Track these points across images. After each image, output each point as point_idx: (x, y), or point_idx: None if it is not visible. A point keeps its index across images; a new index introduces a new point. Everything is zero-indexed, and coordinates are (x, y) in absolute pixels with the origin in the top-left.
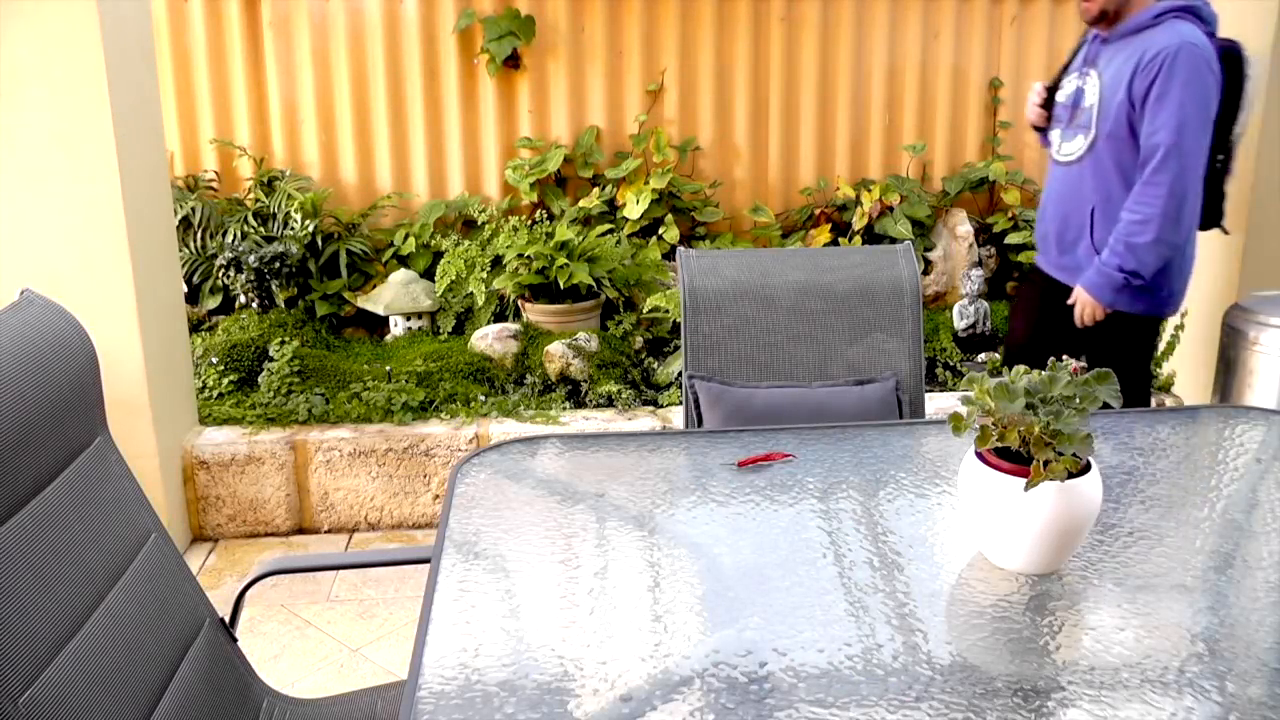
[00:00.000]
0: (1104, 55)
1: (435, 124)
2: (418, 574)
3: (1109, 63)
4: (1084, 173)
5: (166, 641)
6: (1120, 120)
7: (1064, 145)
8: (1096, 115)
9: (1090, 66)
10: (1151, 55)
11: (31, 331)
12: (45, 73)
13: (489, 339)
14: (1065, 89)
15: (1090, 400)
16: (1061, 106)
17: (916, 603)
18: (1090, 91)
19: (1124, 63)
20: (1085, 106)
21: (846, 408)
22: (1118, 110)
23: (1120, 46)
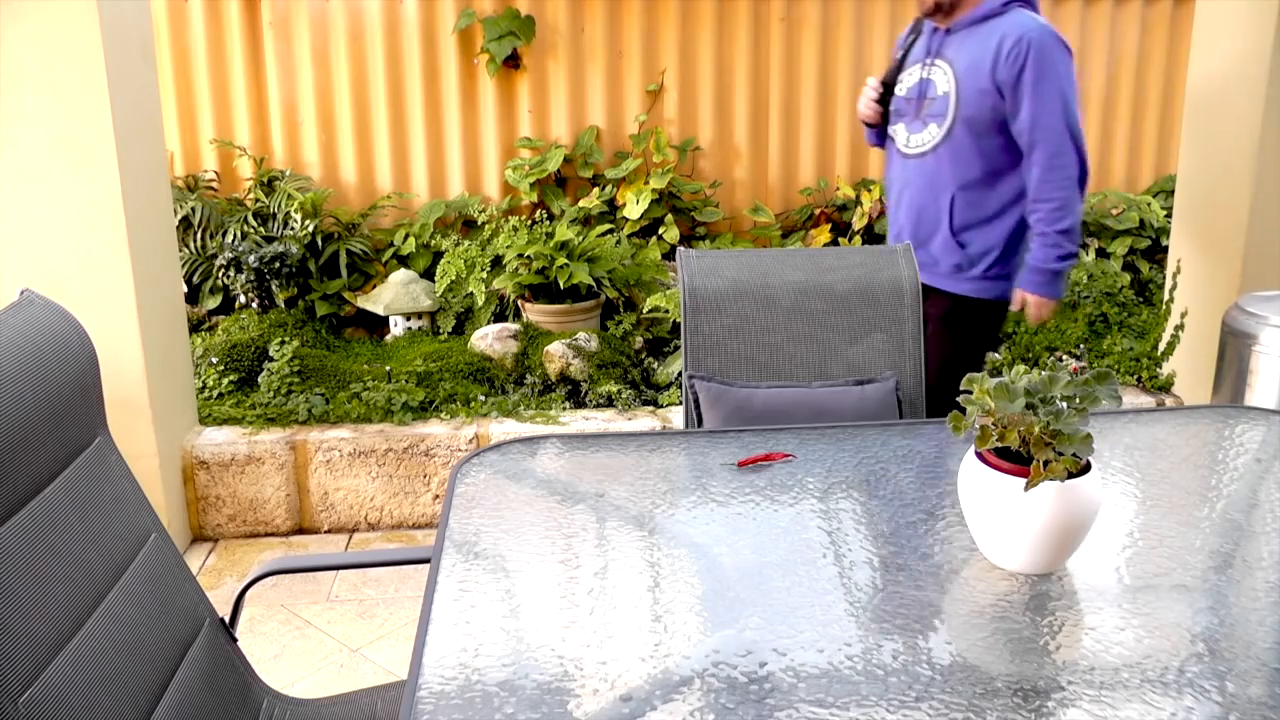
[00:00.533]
0: (951, 45)
1: (435, 124)
2: (418, 574)
3: (959, 51)
4: (939, 162)
5: (166, 642)
6: (983, 106)
7: (912, 137)
8: (954, 103)
9: (936, 58)
10: (1013, 41)
11: (31, 331)
12: (45, 73)
13: (489, 339)
14: (906, 82)
15: (1090, 400)
16: (903, 100)
17: (916, 603)
18: (941, 81)
19: (979, 50)
20: (937, 95)
21: (846, 408)
22: (979, 97)
23: (968, 35)
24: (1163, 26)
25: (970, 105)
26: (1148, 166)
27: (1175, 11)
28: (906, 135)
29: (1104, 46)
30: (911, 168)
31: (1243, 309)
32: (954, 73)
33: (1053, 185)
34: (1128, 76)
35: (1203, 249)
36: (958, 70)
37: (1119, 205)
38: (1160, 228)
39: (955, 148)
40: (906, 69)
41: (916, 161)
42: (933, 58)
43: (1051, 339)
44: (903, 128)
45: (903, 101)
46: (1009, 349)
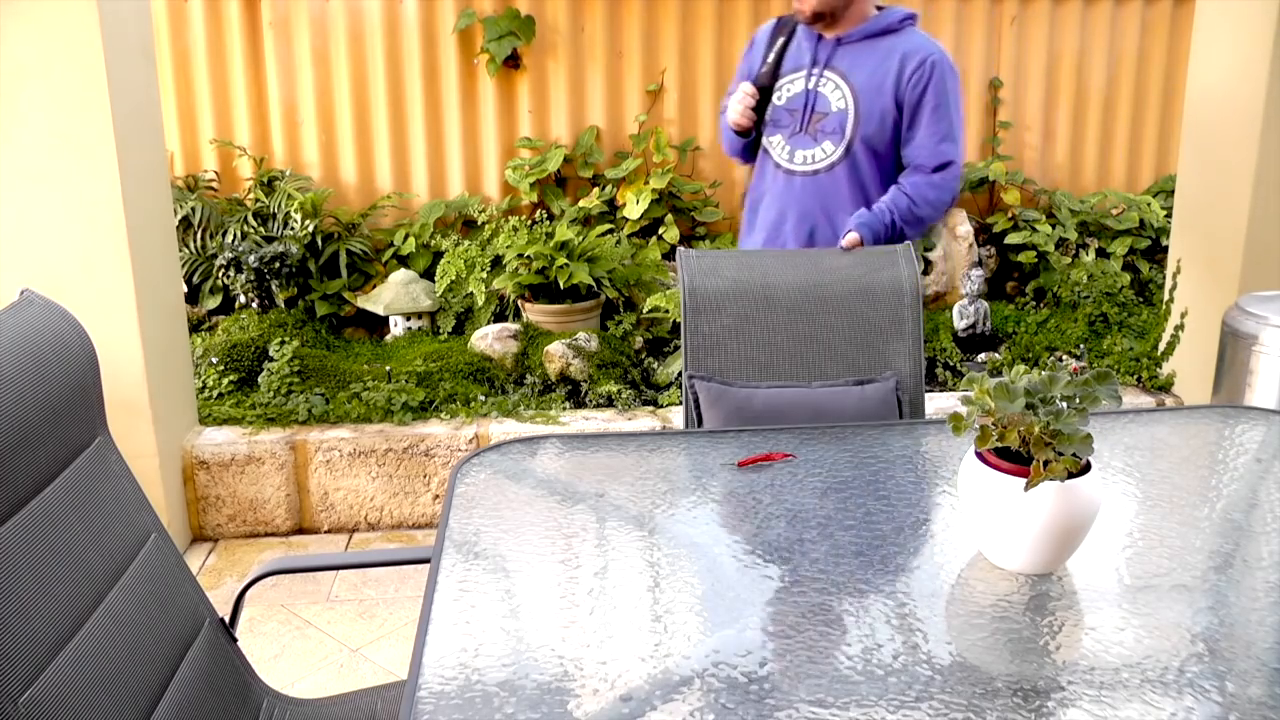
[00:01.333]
0: (842, 57)
1: (435, 124)
2: (418, 574)
3: (855, 66)
4: (835, 182)
5: (166, 641)
6: (884, 126)
7: (799, 153)
8: (852, 121)
9: (826, 69)
10: (917, 63)
11: (31, 331)
12: (45, 72)
13: (489, 339)
14: (787, 91)
15: (1090, 400)
16: (784, 110)
17: (916, 603)
18: (835, 96)
19: (878, 67)
20: (830, 111)
21: (846, 408)
22: (881, 116)
23: (863, 49)
24: (1163, 26)
25: (871, 124)
26: (1148, 166)
27: (1175, 11)
28: (789, 150)
29: (1104, 46)
30: (798, 186)
31: (1243, 309)
32: (851, 89)
33: (936, 193)
34: (1128, 76)
35: (1203, 249)
36: (855, 86)
37: (1119, 205)
38: (1160, 228)
39: (853, 167)
40: (785, 75)
41: (805, 180)
42: (820, 69)
43: (1051, 339)
44: (782, 140)
45: (783, 112)
46: (1009, 349)
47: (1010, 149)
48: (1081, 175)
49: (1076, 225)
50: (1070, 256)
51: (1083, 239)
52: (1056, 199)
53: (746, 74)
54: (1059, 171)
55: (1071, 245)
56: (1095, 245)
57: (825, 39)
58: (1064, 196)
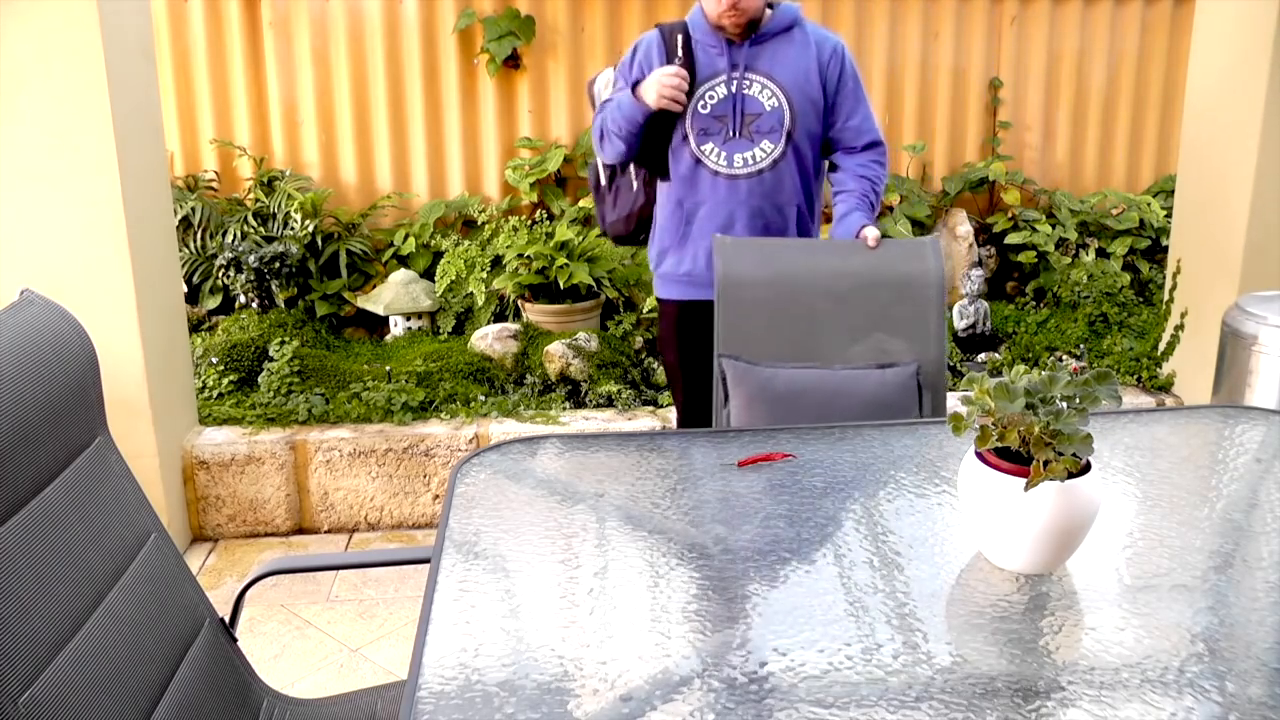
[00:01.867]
0: (761, 58)
1: (435, 124)
2: (418, 574)
3: (776, 64)
4: (780, 177)
5: (166, 641)
6: (817, 118)
7: (737, 156)
8: (789, 117)
9: (748, 72)
10: (830, 50)
11: (31, 331)
12: (45, 73)
13: (489, 339)
14: (710, 99)
15: (1090, 400)
16: (709, 118)
17: (916, 603)
18: (765, 96)
19: (799, 60)
20: (764, 111)
21: (865, 391)
22: (812, 108)
23: (778, 46)
24: (1163, 26)
25: (808, 117)
26: (1148, 166)
27: (1175, 11)
28: (724, 155)
29: (1104, 46)
30: (743, 187)
31: (1243, 309)
32: (780, 87)
33: (882, 169)
34: (1128, 76)
35: (1203, 249)
36: (784, 83)
37: (1119, 205)
38: (1160, 228)
39: (795, 158)
40: (702, 84)
41: (749, 181)
42: (739, 73)
43: (1051, 339)
44: (715, 148)
45: (710, 120)
46: (1009, 349)
47: (1010, 149)
48: (1081, 175)
49: (1076, 225)
50: (1070, 256)
51: (1083, 239)
52: (1056, 199)
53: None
54: (1059, 171)
55: (1071, 245)
56: (1095, 245)
57: (736, 44)
58: (1064, 196)
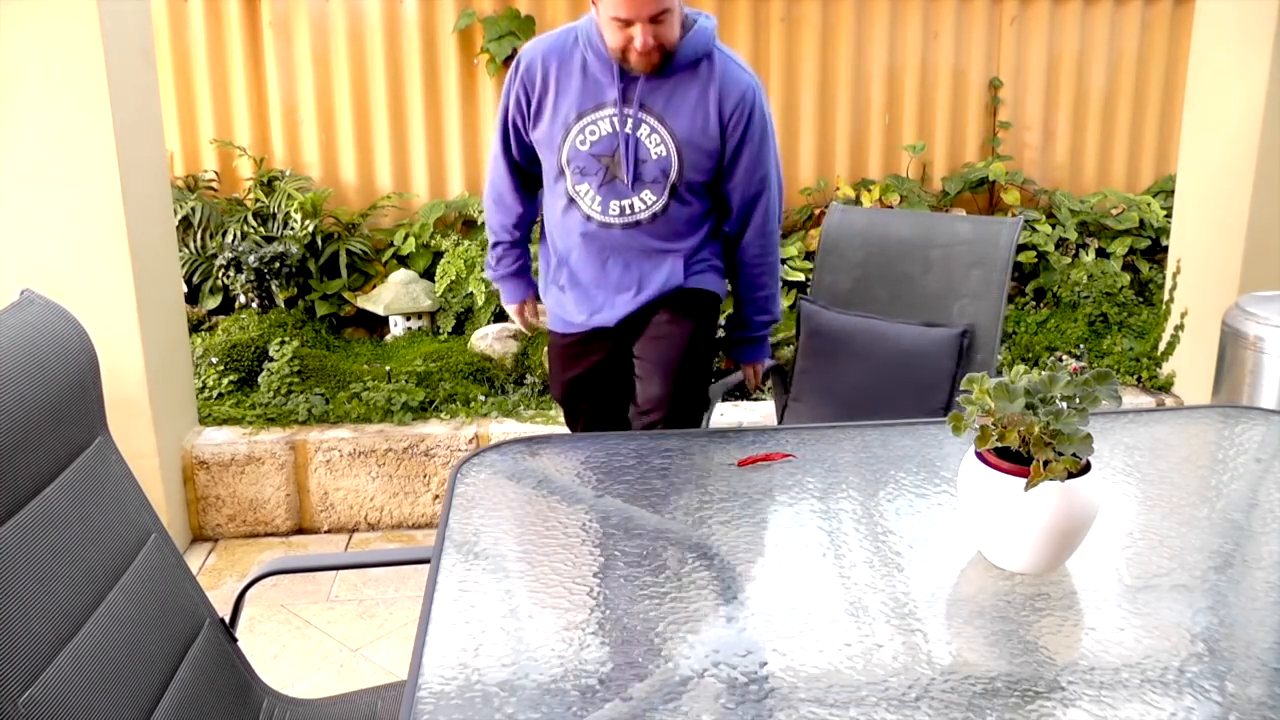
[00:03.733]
0: (655, 96)
1: (435, 124)
2: (418, 574)
3: (670, 106)
4: (658, 226)
5: (166, 641)
6: (707, 170)
7: (613, 203)
8: (676, 169)
9: (640, 109)
10: (735, 100)
11: (31, 331)
12: (45, 73)
13: (489, 339)
14: (590, 134)
15: (1090, 400)
16: (589, 156)
17: (916, 603)
18: (654, 142)
19: (695, 106)
20: (649, 159)
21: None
22: (705, 160)
23: (676, 85)
24: (1163, 26)
25: (696, 171)
26: (1148, 166)
27: (1175, 11)
28: (599, 200)
29: (1104, 46)
30: (618, 236)
31: (1243, 309)
32: (671, 135)
33: (767, 249)
34: (1128, 76)
35: (1203, 249)
36: (676, 132)
37: (1119, 205)
38: (1160, 228)
39: (676, 212)
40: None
41: (624, 230)
42: (636, 108)
43: (1051, 339)
44: (590, 190)
45: (588, 159)
46: (1009, 349)
47: (1010, 149)
48: (1081, 175)
49: (1076, 225)
50: (1070, 256)
51: (1083, 239)
52: (1056, 199)
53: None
54: (1059, 171)
55: (1071, 245)
56: (1095, 245)
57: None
58: (1064, 196)
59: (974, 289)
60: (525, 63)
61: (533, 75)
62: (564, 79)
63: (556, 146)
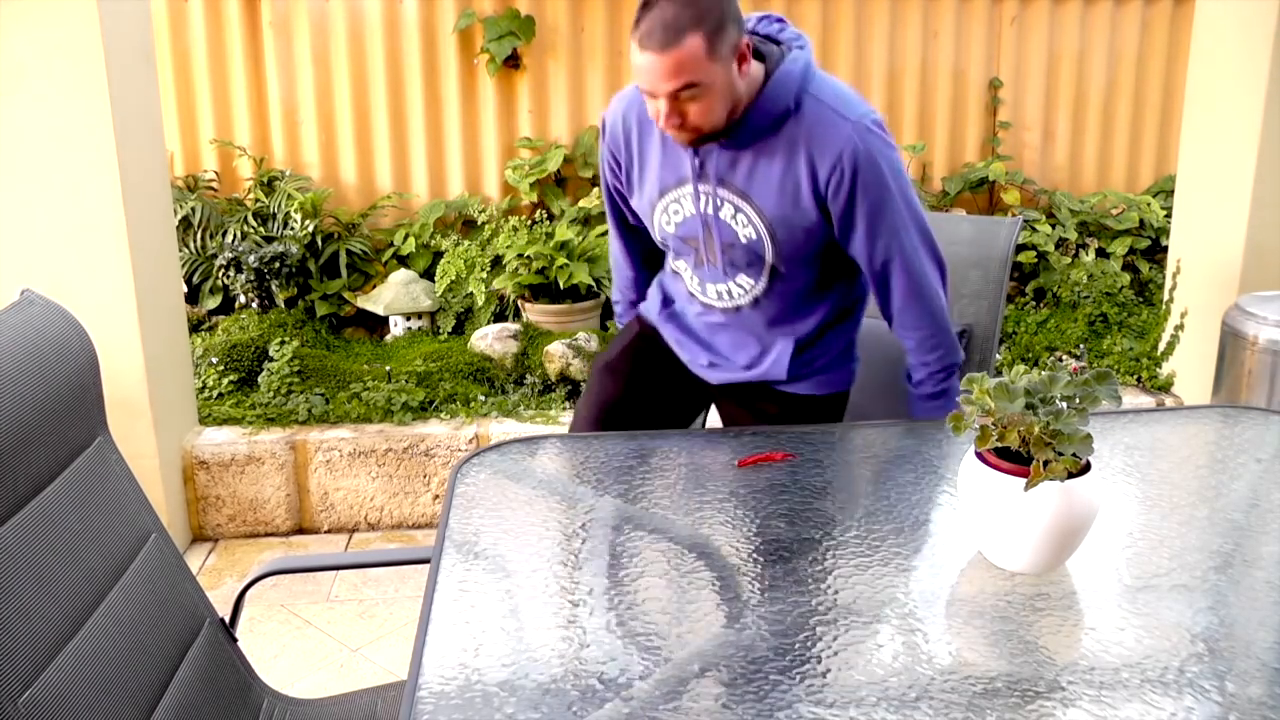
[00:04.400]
0: (737, 168)
1: (435, 124)
2: (418, 574)
3: (754, 180)
4: (762, 311)
5: (166, 641)
6: (810, 241)
7: (710, 287)
8: (770, 251)
9: (720, 186)
10: (831, 163)
11: (31, 331)
12: (45, 72)
13: (489, 339)
14: (674, 214)
15: (1090, 400)
16: (676, 238)
17: (916, 603)
18: (741, 225)
19: (783, 176)
20: (738, 243)
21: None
22: (807, 234)
23: (760, 152)
24: (1163, 26)
25: (794, 245)
26: (1148, 166)
27: (1175, 11)
28: (699, 282)
29: (1104, 46)
30: (720, 316)
31: (1243, 309)
32: (758, 214)
33: (923, 311)
34: (1128, 76)
35: (1203, 249)
36: (763, 210)
37: (1119, 205)
38: (1160, 228)
39: (783, 290)
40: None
41: (727, 313)
42: (714, 185)
43: (1051, 339)
44: (688, 268)
45: (676, 241)
46: (1009, 349)
47: (1010, 149)
48: (1081, 175)
49: (1076, 225)
50: (1070, 256)
51: (1083, 239)
52: (1056, 199)
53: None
54: (1059, 171)
55: (1071, 245)
56: (1095, 245)
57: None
58: (1064, 196)
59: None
60: (609, 125)
61: (616, 139)
62: (646, 145)
63: (649, 222)
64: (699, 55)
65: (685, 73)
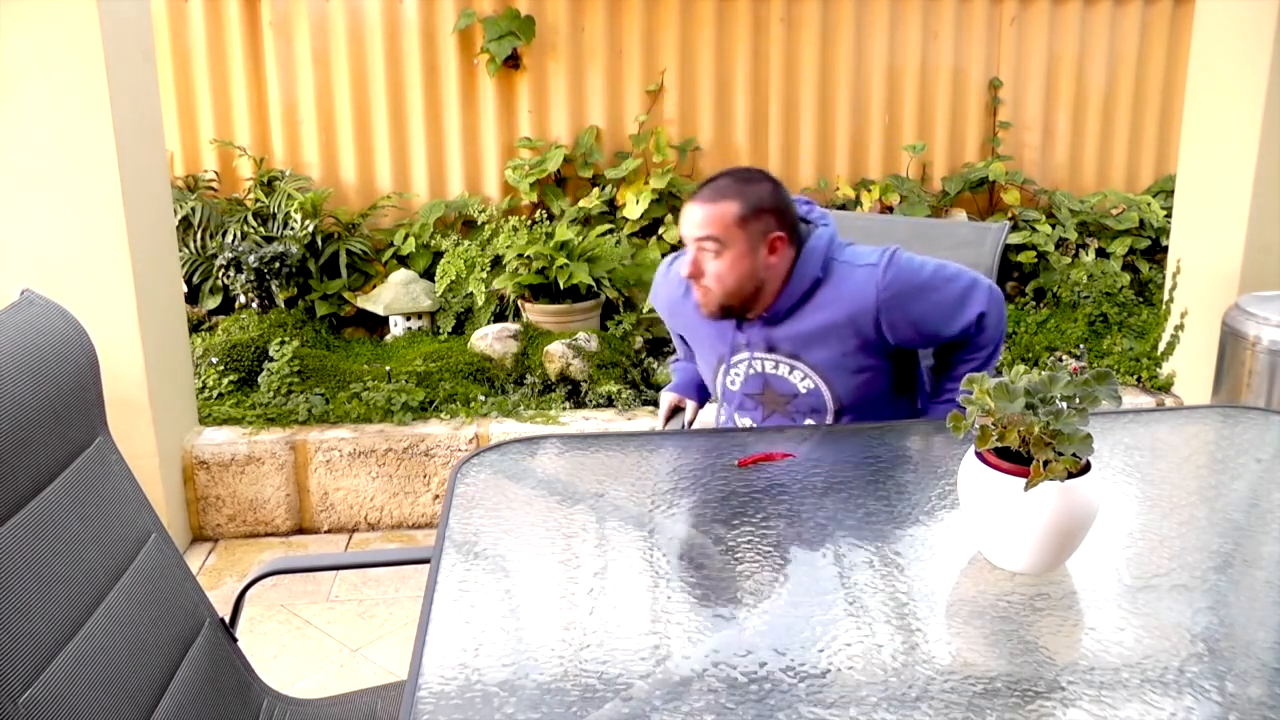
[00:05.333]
0: (781, 336)
1: (435, 124)
2: (418, 574)
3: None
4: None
5: (166, 641)
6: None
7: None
8: (831, 397)
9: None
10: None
11: (31, 331)
12: (45, 73)
13: (489, 339)
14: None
15: (1090, 400)
16: (740, 395)
17: (916, 603)
18: (798, 378)
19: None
20: (800, 393)
21: None
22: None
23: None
24: (1163, 26)
25: (848, 389)
26: (1148, 166)
27: (1175, 11)
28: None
29: (1104, 47)
30: None
31: (1243, 309)
32: (811, 369)
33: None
34: (1128, 76)
35: (1203, 249)
36: (815, 366)
37: (1119, 205)
38: (1160, 228)
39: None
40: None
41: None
42: (764, 351)
43: (1051, 339)
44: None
45: (742, 397)
46: (1009, 349)
47: (1010, 149)
48: (1081, 175)
49: (1076, 225)
50: (1070, 256)
51: (1083, 239)
52: (1056, 199)
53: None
54: (1059, 171)
55: (1071, 245)
56: (1095, 245)
57: (748, 320)
58: (1064, 196)
59: None
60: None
61: (665, 316)
62: (690, 327)
63: (712, 384)
64: (729, 219)
65: (712, 226)
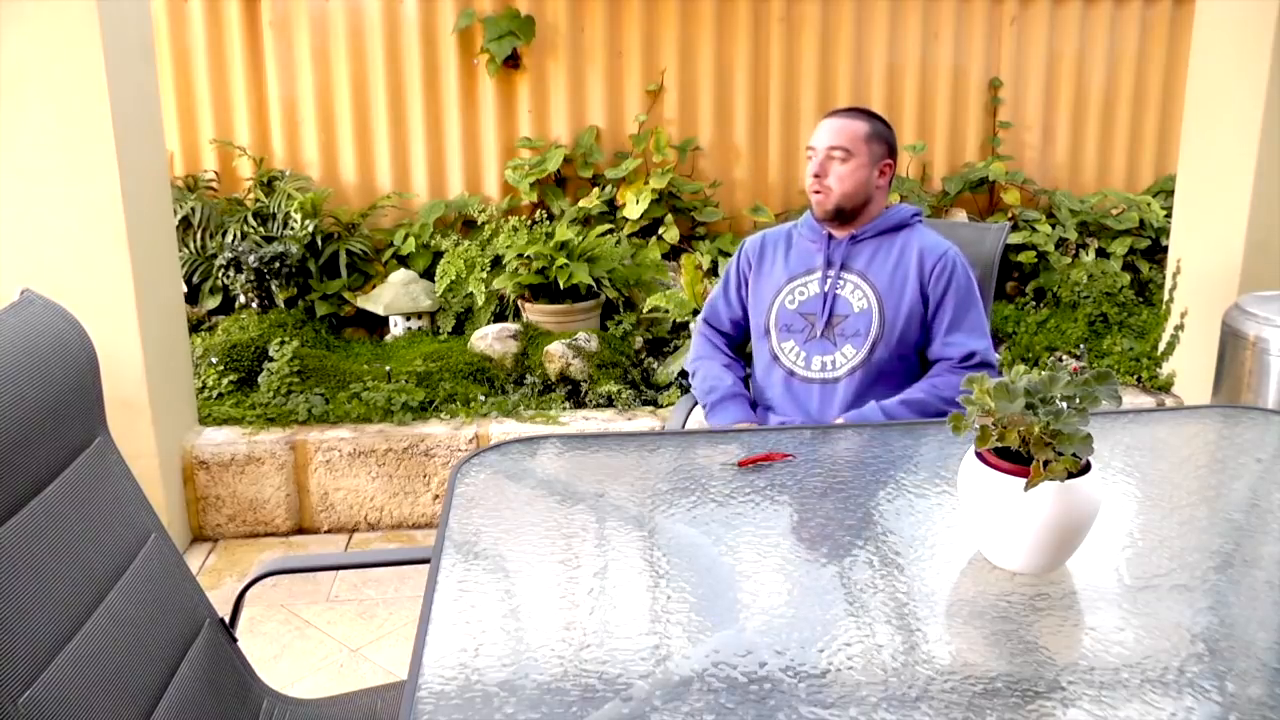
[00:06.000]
0: (858, 256)
1: (435, 124)
2: (418, 574)
3: (873, 264)
4: (855, 385)
5: (166, 641)
6: (911, 324)
7: (816, 358)
8: (876, 322)
9: (844, 270)
10: (936, 258)
11: (31, 331)
12: (45, 73)
13: (489, 339)
14: (799, 294)
15: (1090, 400)
16: (795, 315)
17: (916, 603)
18: (856, 297)
19: (898, 264)
20: (852, 313)
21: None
22: (909, 314)
23: (878, 246)
24: (1163, 26)
25: (897, 323)
26: (1148, 166)
27: (1175, 11)
28: (803, 355)
29: (1104, 46)
30: (816, 393)
31: (1243, 309)
32: (873, 289)
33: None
34: (1128, 76)
35: (1203, 249)
36: (877, 286)
37: (1119, 205)
38: (1160, 228)
39: (876, 369)
40: (794, 279)
41: (822, 387)
42: (837, 270)
43: (1051, 339)
44: (796, 346)
45: (796, 317)
46: (1009, 349)
47: (1010, 149)
48: (1081, 175)
49: (1076, 225)
50: (1070, 256)
51: (1083, 239)
52: (1056, 199)
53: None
54: (1059, 171)
55: (1071, 245)
56: (1095, 245)
57: (836, 238)
58: (1064, 196)
59: None
60: (747, 246)
61: (752, 254)
62: (777, 252)
63: (766, 306)
64: (858, 135)
65: (843, 138)
